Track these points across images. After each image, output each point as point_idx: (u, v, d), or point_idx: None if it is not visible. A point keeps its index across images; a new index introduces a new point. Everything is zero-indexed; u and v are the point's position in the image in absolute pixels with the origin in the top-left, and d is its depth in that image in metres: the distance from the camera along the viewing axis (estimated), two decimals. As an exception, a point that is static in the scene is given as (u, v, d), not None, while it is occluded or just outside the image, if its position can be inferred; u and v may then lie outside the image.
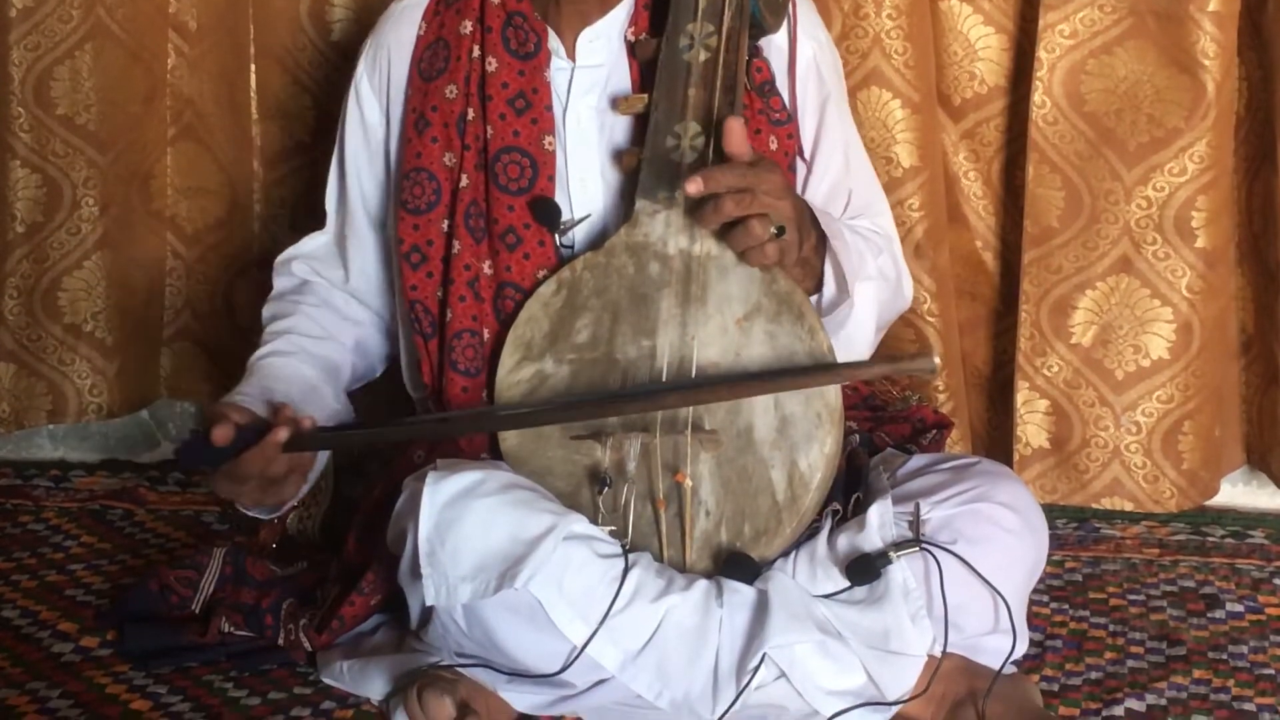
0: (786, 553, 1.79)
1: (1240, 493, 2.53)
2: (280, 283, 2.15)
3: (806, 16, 2.00)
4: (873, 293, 1.92)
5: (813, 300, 1.87)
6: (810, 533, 1.80)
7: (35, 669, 1.94)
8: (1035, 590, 1.98)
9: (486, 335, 1.94)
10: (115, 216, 2.61)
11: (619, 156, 1.93)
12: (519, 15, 1.95)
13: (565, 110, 1.95)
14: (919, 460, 1.92)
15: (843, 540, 1.78)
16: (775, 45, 1.97)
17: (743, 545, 1.78)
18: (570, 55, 1.96)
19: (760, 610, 1.71)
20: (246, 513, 1.90)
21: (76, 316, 2.62)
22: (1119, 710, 1.84)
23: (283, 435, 1.77)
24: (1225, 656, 1.97)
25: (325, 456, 1.97)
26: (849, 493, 1.84)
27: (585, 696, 1.76)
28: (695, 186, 1.72)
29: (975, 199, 2.49)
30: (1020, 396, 2.43)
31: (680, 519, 1.78)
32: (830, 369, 1.80)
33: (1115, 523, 2.41)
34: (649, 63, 1.93)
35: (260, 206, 2.63)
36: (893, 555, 1.74)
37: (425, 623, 1.79)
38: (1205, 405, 2.38)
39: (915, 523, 1.78)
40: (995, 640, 1.79)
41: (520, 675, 1.76)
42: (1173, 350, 2.36)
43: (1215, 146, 2.30)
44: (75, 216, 2.59)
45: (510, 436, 1.85)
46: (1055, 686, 1.90)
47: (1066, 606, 2.12)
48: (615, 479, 1.79)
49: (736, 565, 1.76)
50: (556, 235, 1.93)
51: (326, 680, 1.90)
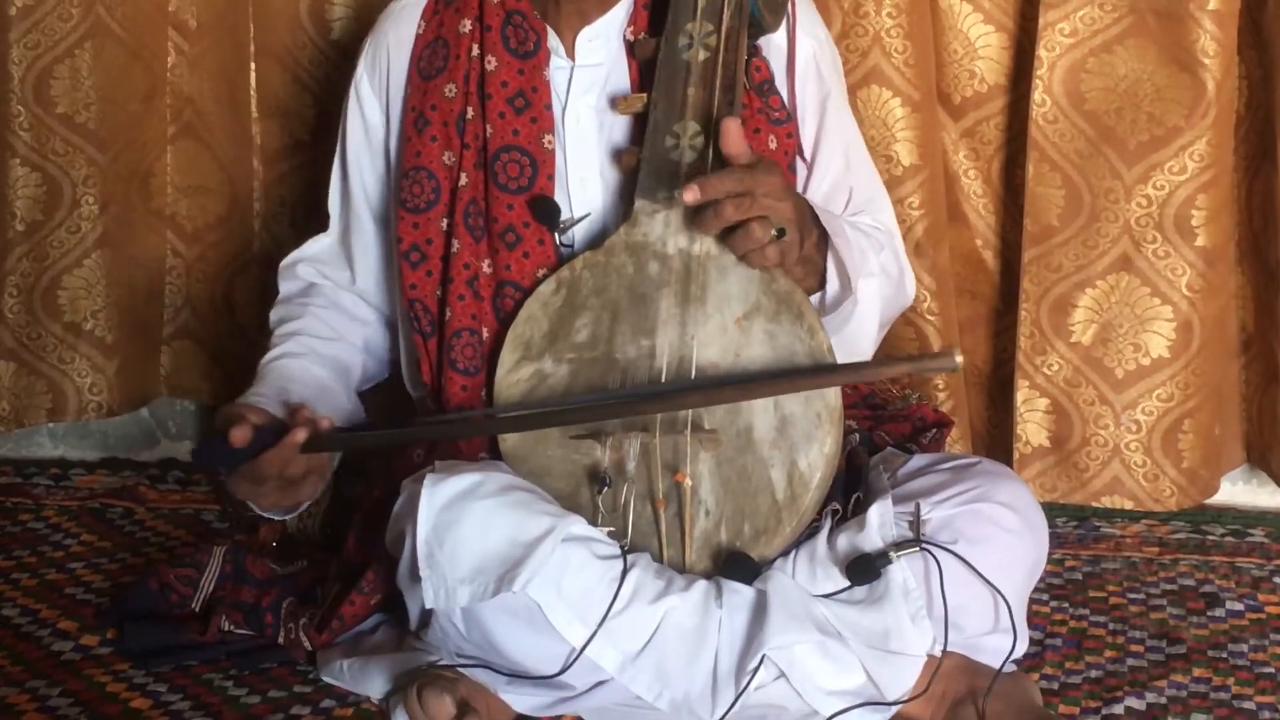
0: (786, 552, 1.79)
1: (1240, 491, 2.53)
2: (286, 286, 2.15)
3: (806, 15, 2.00)
4: (876, 289, 1.92)
5: (815, 298, 1.87)
6: (810, 532, 1.80)
7: (35, 667, 1.94)
8: (1035, 589, 1.97)
9: (486, 334, 1.93)
10: (115, 215, 2.61)
11: (618, 156, 1.92)
12: (518, 14, 1.95)
13: (564, 109, 1.95)
14: (919, 460, 1.92)
15: (843, 540, 1.78)
16: (774, 44, 1.96)
17: (742, 545, 1.78)
18: (569, 54, 1.96)
19: (759, 611, 1.71)
20: (263, 514, 1.90)
21: (76, 315, 2.62)
22: (1119, 709, 1.84)
23: (301, 436, 1.77)
24: (1225, 655, 1.97)
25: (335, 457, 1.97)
26: (849, 492, 1.84)
27: (585, 698, 1.76)
28: (692, 195, 1.71)
29: (975, 197, 2.49)
30: (1020, 395, 2.43)
31: (680, 518, 1.78)
32: (853, 368, 1.80)
33: (1115, 521, 2.40)
34: (648, 62, 1.92)
35: (260, 205, 2.63)
36: (893, 555, 1.74)
37: (425, 625, 1.79)
38: (1205, 404, 2.38)
39: (915, 522, 1.77)
40: (995, 639, 1.79)
41: (520, 677, 1.76)
42: (1173, 349, 2.36)
43: (1215, 145, 2.30)
44: (75, 215, 2.59)
45: (510, 436, 1.85)
46: (1055, 685, 1.90)
47: (1066, 605, 2.12)
48: (615, 478, 1.79)
49: (736, 565, 1.76)
50: (556, 234, 1.93)
51: (326, 679, 1.90)
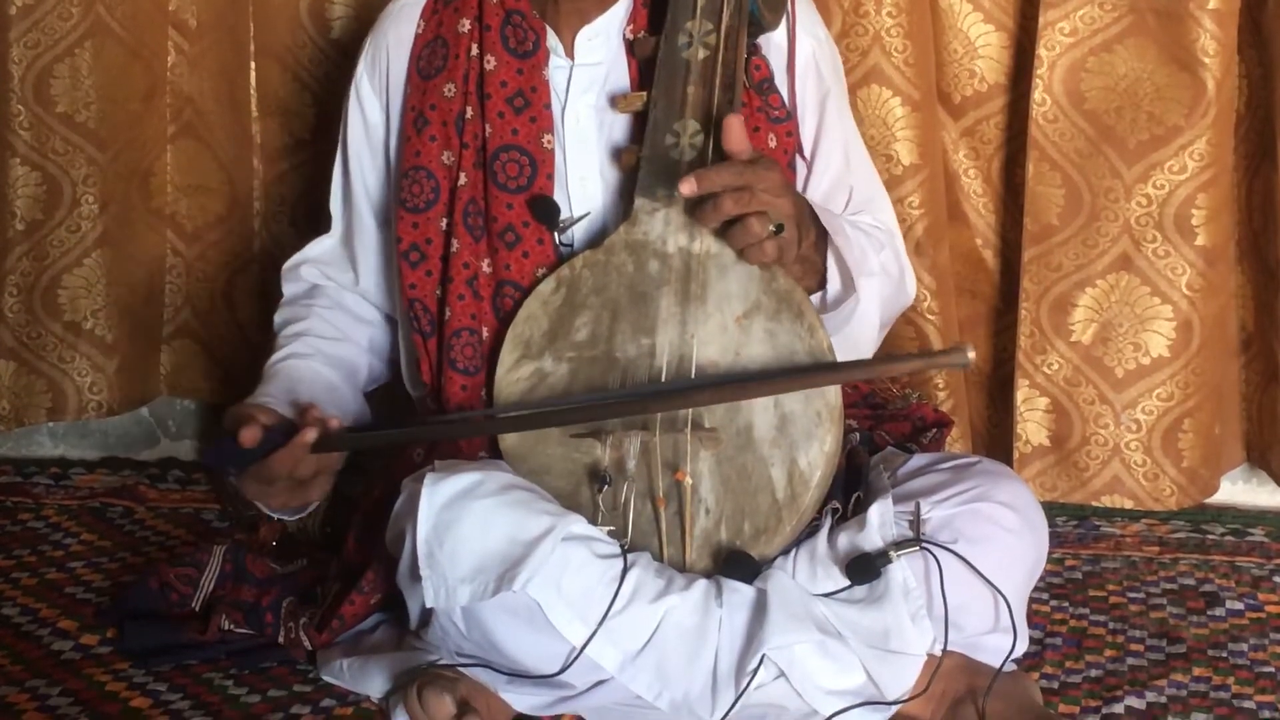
0: (786, 551, 1.79)
1: (1240, 490, 2.53)
2: (290, 289, 2.15)
3: (805, 14, 2.00)
4: (876, 288, 1.92)
5: (815, 298, 1.87)
6: (810, 531, 1.80)
7: (35, 666, 1.94)
8: (1035, 588, 1.97)
9: (485, 334, 1.93)
10: (115, 214, 2.61)
11: (618, 154, 1.92)
12: (517, 14, 1.95)
13: (564, 109, 1.95)
14: (919, 459, 1.92)
15: (843, 539, 1.78)
16: (774, 43, 1.96)
17: (742, 544, 1.77)
18: (569, 53, 1.96)
19: (759, 610, 1.71)
20: (272, 514, 1.91)
21: (76, 314, 2.62)
22: (1119, 708, 1.83)
23: (311, 436, 1.78)
24: (1225, 654, 1.97)
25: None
26: (849, 491, 1.84)
27: (585, 697, 1.76)
28: (689, 187, 1.72)
29: (975, 197, 2.49)
30: (1020, 394, 2.43)
31: (680, 517, 1.78)
32: (865, 364, 1.80)
33: (1115, 520, 2.40)
34: (648, 61, 1.92)
35: (260, 204, 2.63)
36: (893, 554, 1.74)
37: (425, 624, 1.79)
38: (1205, 403, 2.38)
39: (915, 522, 1.77)
40: (995, 639, 1.79)
41: (520, 676, 1.76)
42: (1173, 348, 2.36)
43: (1215, 144, 2.30)
44: (75, 214, 2.58)
45: (510, 435, 1.85)
46: (1055, 684, 1.89)
47: (1066, 604, 2.12)
48: (615, 477, 1.79)
49: (736, 564, 1.76)
50: (555, 234, 1.92)
51: (326, 678, 1.90)
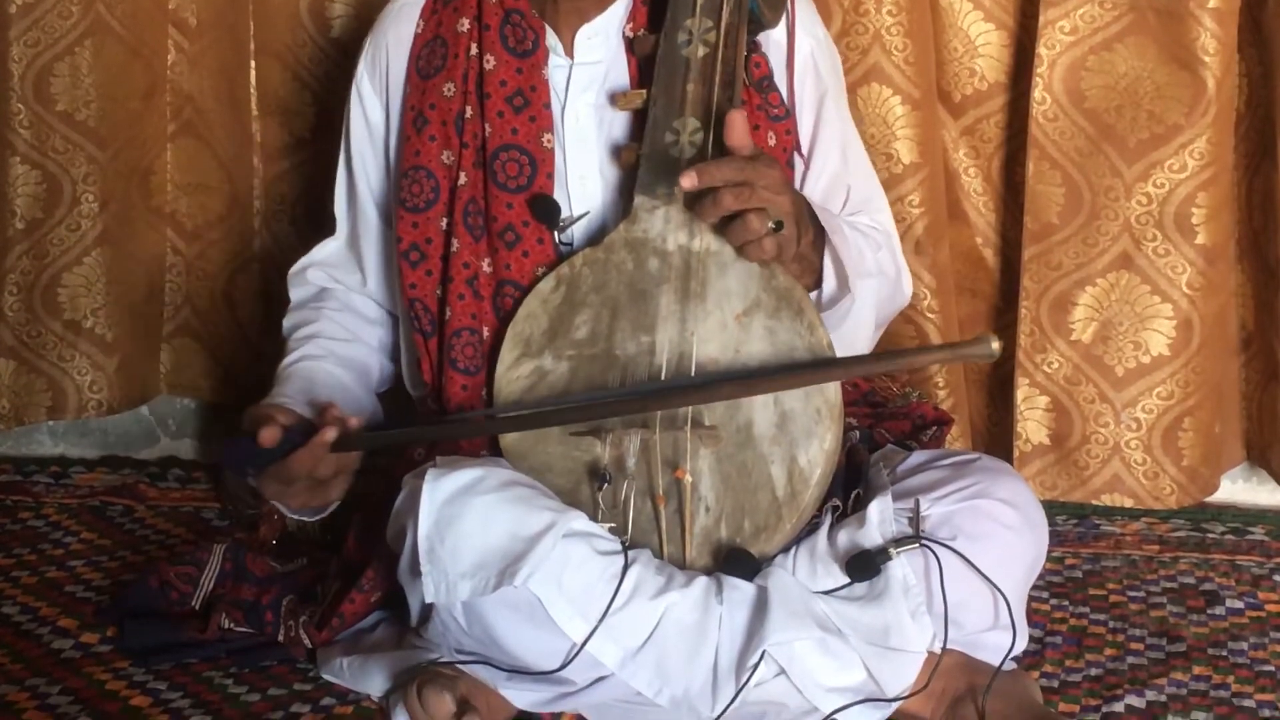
0: (786, 549, 1.79)
1: (1240, 489, 2.53)
2: (298, 293, 2.15)
3: (805, 13, 2.00)
4: (872, 289, 1.92)
5: (811, 297, 1.87)
6: (810, 529, 1.80)
7: (35, 665, 1.94)
8: (1035, 586, 1.97)
9: (486, 333, 1.93)
10: (115, 213, 2.61)
11: (618, 153, 1.92)
12: (517, 13, 1.95)
13: (564, 107, 1.95)
14: (919, 456, 1.92)
15: (843, 536, 1.78)
16: (773, 41, 1.96)
17: (743, 541, 1.77)
18: (568, 52, 1.96)
19: (760, 607, 1.71)
20: (291, 515, 1.91)
21: (76, 313, 2.62)
22: (1119, 706, 1.83)
23: (331, 435, 1.78)
24: (1225, 653, 1.97)
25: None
26: (849, 489, 1.84)
27: (585, 694, 1.76)
28: (689, 180, 1.72)
29: (975, 195, 2.49)
30: (1020, 393, 2.43)
31: (680, 515, 1.78)
32: (885, 357, 1.79)
33: (1115, 519, 2.41)
34: (647, 59, 1.92)
35: (260, 203, 2.62)
36: (893, 552, 1.74)
37: (425, 620, 1.79)
38: (1205, 402, 2.38)
39: (915, 519, 1.77)
40: (995, 636, 1.79)
41: (520, 672, 1.76)
42: (1173, 347, 2.36)
43: (1215, 143, 2.30)
44: (75, 213, 2.58)
45: (510, 433, 1.85)
46: (1055, 683, 1.90)
47: (1066, 603, 2.12)
48: (615, 475, 1.79)
49: (736, 561, 1.76)
50: (555, 233, 1.92)
51: (326, 676, 1.90)
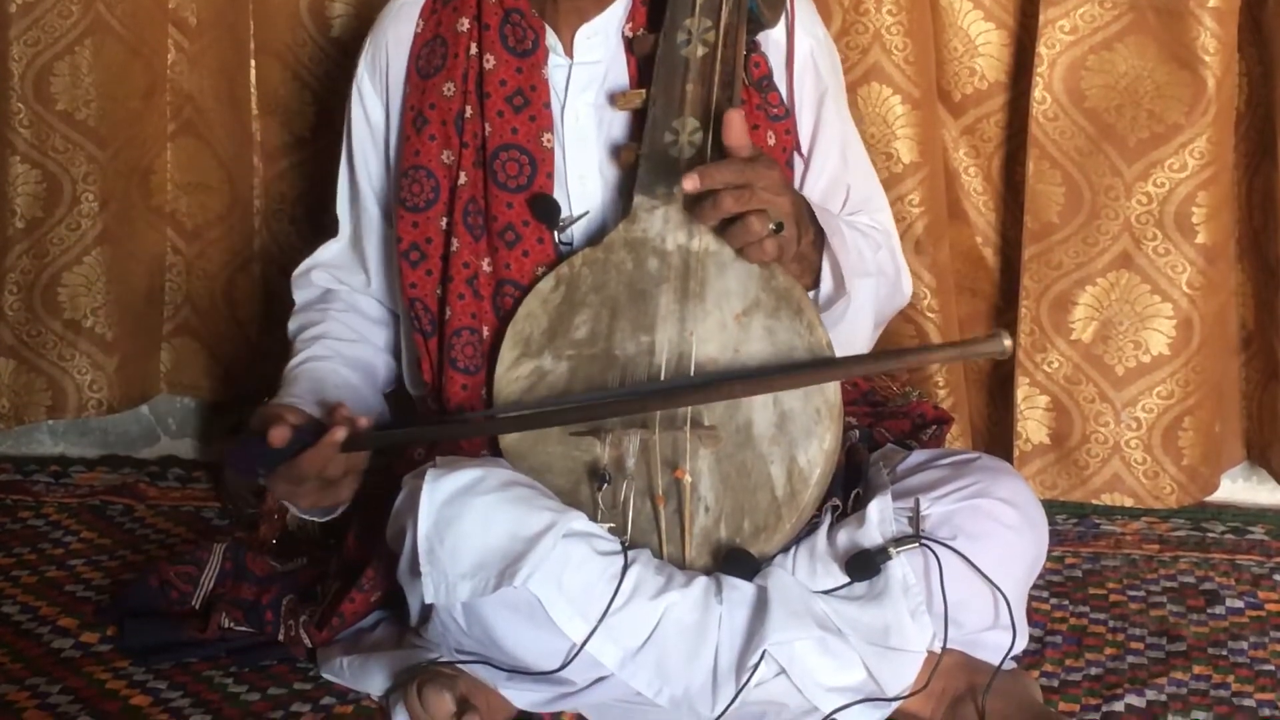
0: (786, 548, 1.79)
1: (1240, 488, 2.53)
2: (302, 295, 2.15)
3: (804, 12, 1.99)
4: (871, 289, 1.92)
5: (811, 296, 1.87)
6: (810, 528, 1.80)
7: (35, 664, 1.94)
8: (1035, 586, 1.97)
9: (485, 333, 1.93)
10: (115, 212, 2.61)
11: (617, 152, 1.92)
12: (516, 12, 1.95)
13: (563, 107, 1.95)
14: (919, 456, 1.92)
15: (843, 536, 1.78)
16: (773, 40, 1.96)
17: (742, 541, 1.77)
18: (568, 52, 1.96)
19: (760, 607, 1.71)
20: (301, 515, 1.91)
21: (76, 312, 2.62)
22: (1119, 706, 1.84)
23: (340, 435, 1.78)
24: (1225, 652, 1.97)
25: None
26: (849, 488, 1.84)
27: (585, 694, 1.76)
28: (691, 183, 1.72)
29: (975, 195, 2.49)
30: (1020, 392, 2.43)
31: (680, 515, 1.78)
32: (898, 354, 1.78)
33: (1115, 518, 2.41)
34: (647, 58, 1.92)
35: (260, 202, 2.62)
36: (892, 551, 1.74)
37: (425, 620, 1.79)
38: (1205, 401, 2.38)
39: (915, 518, 1.77)
40: (995, 636, 1.79)
41: (520, 673, 1.76)
42: (1173, 346, 2.36)
43: (1215, 142, 2.30)
44: (75, 212, 2.58)
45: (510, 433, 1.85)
46: (1055, 682, 1.90)
47: (1066, 602, 2.12)
48: (614, 475, 1.79)
49: (736, 561, 1.76)
50: (555, 232, 1.92)
51: (326, 676, 1.90)
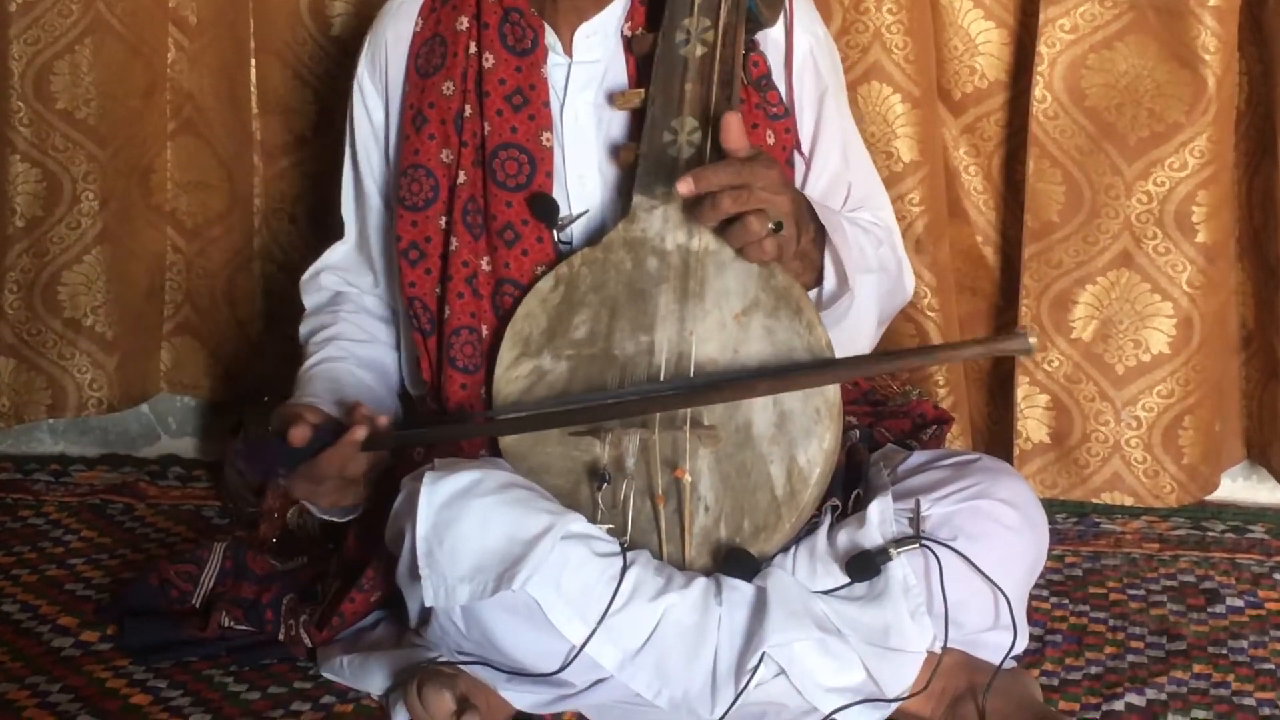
0: (786, 548, 1.79)
1: (1240, 487, 2.53)
2: (312, 299, 2.15)
3: (803, 11, 1.99)
4: (873, 285, 1.92)
5: (813, 294, 1.87)
6: (810, 528, 1.80)
7: (35, 663, 1.95)
8: (1035, 585, 1.97)
9: (485, 332, 1.93)
10: (115, 211, 2.61)
11: (616, 152, 1.92)
12: (516, 11, 1.95)
13: (563, 106, 1.95)
14: (919, 456, 1.91)
15: (843, 536, 1.78)
16: (772, 39, 1.96)
17: (742, 541, 1.77)
18: (567, 51, 1.95)
19: (759, 608, 1.71)
20: (321, 515, 1.91)
21: (76, 311, 2.62)
22: (1119, 705, 1.84)
23: (361, 434, 1.78)
24: (1225, 651, 1.97)
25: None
26: (849, 489, 1.84)
27: (584, 695, 1.76)
28: (687, 186, 1.71)
29: (975, 194, 2.49)
30: (1020, 391, 2.43)
31: (679, 515, 1.78)
32: (921, 351, 1.77)
33: (1115, 518, 2.40)
34: (646, 58, 1.92)
35: (260, 201, 2.62)
36: (893, 552, 1.74)
37: (425, 622, 1.79)
38: (1205, 400, 2.38)
39: (915, 519, 1.77)
40: (995, 636, 1.79)
41: (520, 674, 1.76)
42: (1173, 345, 2.36)
43: (1216, 141, 2.30)
44: (75, 211, 2.59)
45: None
46: (1055, 681, 1.90)
47: (1066, 601, 2.12)
48: (614, 475, 1.79)
49: (736, 561, 1.76)
50: (555, 231, 1.92)
51: (326, 675, 1.90)
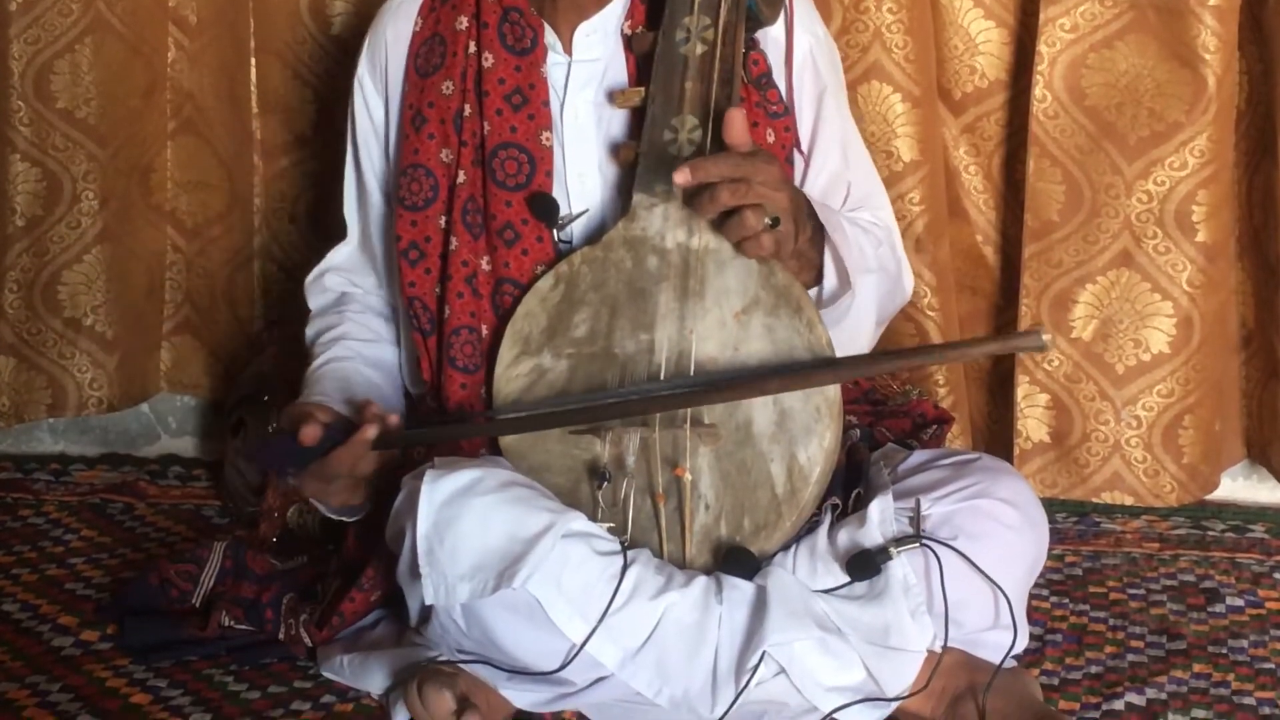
0: (786, 547, 1.79)
1: (1240, 487, 2.53)
2: (317, 300, 2.15)
3: (803, 10, 1.99)
4: (873, 285, 1.92)
5: (812, 293, 1.87)
6: (810, 527, 1.80)
7: (35, 663, 1.95)
8: (1035, 584, 1.97)
9: (485, 331, 1.93)
10: (115, 210, 2.61)
11: (616, 150, 1.92)
12: (515, 10, 1.95)
13: (563, 105, 1.95)
14: (920, 456, 1.91)
15: (843, 535, 1.78)
16: (772, 38, 1.96)
17: (742, 539, 1.77)
18: (567, 50, 1.95)
19: (759, 607, 1.71)
20: (331, 514, 1.92)
21: (76, 310, 2.62)
22: (1119, 704, 1.84)
23: (372, 432, 1.79)
24: (1225, 651, 1.97)
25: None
26: (849, 488, 1.84)
27: (585, 694, 1.76)
28: (683, 176, 1.72)
29: (976, 193, 2.49)
30: (1020, 391, 2.43)
31: (680, 513, 1.78)
32: (932, 350, 1.78)
33: (1115, 517, 2.41)
34: (646, 56, 1.92)
35: (260, 200, 2.63)
36: (893, 551, 1.74)
37: (425, 621, 1.79)
38: (1205, 399, 2.38)
39: (916, 518, 1.77)
40: (995, 635, 1.79)
41: (520, 673, 1.76)
42: (1173, 344, 2.36)
43: (1216, 140, 2.30)
44: (75, 210, 2.59)
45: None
46: (1055, 681, 1.90)
47: (1067, 601, 2.12)
48: (614, 473, 1.79)
49: (736, 560, 1.76)
50: (555, 231, 1.92)
51: (327, 674, 1.90)
